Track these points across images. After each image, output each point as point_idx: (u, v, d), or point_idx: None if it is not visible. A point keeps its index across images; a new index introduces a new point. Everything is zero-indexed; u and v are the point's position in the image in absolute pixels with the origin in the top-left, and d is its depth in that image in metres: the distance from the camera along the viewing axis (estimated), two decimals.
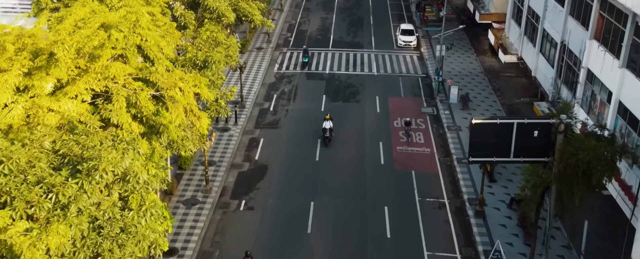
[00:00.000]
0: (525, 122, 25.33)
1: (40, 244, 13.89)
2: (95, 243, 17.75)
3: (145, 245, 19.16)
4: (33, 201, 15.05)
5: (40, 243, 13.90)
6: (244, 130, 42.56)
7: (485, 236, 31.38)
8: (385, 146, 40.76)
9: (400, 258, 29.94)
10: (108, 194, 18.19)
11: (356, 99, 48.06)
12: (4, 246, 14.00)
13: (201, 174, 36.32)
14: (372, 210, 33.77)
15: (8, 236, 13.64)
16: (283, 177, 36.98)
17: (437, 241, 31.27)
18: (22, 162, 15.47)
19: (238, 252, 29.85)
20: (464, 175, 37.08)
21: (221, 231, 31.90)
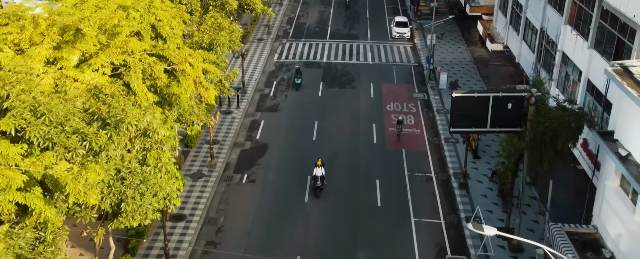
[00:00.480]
0: (500, 95, 28.13)
1: (80, 178, 16.65)
2: (119, 191, 20.59)
3: (161, 196, 22.01)
4: (70, 147, 17.84)
5: (80, 178, 16.65)
6: (245, 113, 45.36)
7: (467, 204, 34.15)
8: (378, 127, 43.56)
9: (390, 224, 32.68)
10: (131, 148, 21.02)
11: (352, 86, 50.86)
12: (51, 180, 16.76)
13: (206, 152, 39.08)
14: (365, 183, 36.55)
15: (54, 172, 16.38)
16: (282, 154, 39.76)
17: (423, 209, 34.05)
18: (61, 115, 18.24)
19: (241, 219, 32.69)
20: (451, 153, 39.87)
21: (225, 200, 34.68)
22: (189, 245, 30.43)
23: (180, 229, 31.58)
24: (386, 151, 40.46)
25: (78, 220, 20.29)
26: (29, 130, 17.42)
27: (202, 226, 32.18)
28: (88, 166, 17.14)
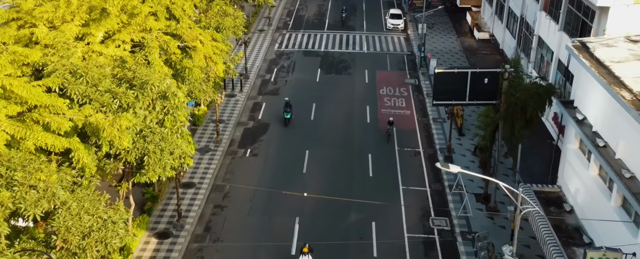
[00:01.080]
0: (477, 71, 31.51)
1: (115, 124, 19.97)
2: (142, 146, 23.90)
3: (177, 154, 25.33)
4: (104, 102, 21.18)
5: (115, 124, 19.97)
6: (248, 96, 48.71)
7: (451, 175, 37.43)
8: (371, 108, 46.93)
9: (380, 191, 36.00)
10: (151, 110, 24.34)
11: (348, 72, 54.21)
12: (90, 127, 20.08)
13: (212, 130, 42.39)
14: (358, 156, 39.88)
15: (94, 119, 19.69)
16: (282, 132, 43.10)
17: (411, 179, 37.39)
18: (95, 77, 21.58)
19: (245, 186, 36.02)
20: (438, 131, 43.19)
21: (230, 171, 38.02)
22: (199, 208, 33.77)
23: (190, 194, 34.91)
24: (378, 130, 43.79)
25: (107, 170, 23.58)
26: (70, 88, 20.75)
27: (210, 192, 35.53)
28: (120, 115, 20.48)
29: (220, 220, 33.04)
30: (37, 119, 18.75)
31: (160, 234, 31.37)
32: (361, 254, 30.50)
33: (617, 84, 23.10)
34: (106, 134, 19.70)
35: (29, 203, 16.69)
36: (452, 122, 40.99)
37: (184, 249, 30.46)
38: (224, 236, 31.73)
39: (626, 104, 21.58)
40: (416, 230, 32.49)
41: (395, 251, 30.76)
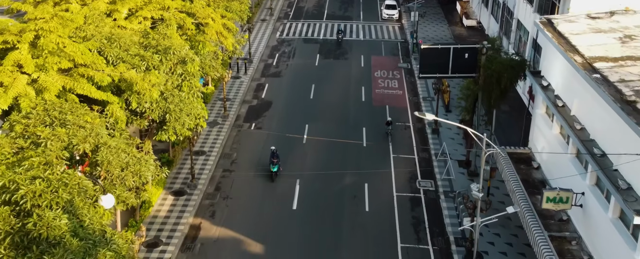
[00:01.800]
0: (458, 47, 35.32)
1: (146, 79, 23.79)
2: (164, 106, 27.71)
3: (194, 115, 29.13)
4: (134, 64, 25.00)
5: (146, 79, 23.78)
6: (252, 78, 52.54)
7: (437, 144, 41.28)
8: (366, 89, 50.76)
9: (374, 158, 39.81)
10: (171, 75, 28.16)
11: (345, 57, 58.02)
12: (124, 82, 23.89)
13: (220, 106, 46.20)
14: (353, 130, 43.68)
15: (128, 75, 23.50)
16: (284, 109, 46.92)
17: (401, 148, 41.19)
18: (126, 42, 25.40)
19: (250, 154, 39.84)
20: (427, 108, 47.01)
21: (237, 142, 41.84)
22: (210, 171, 37.59)
23: (201, 160, 38.71)
24: (372, 107, 47.62)
25: (134, 126, 27.36)
26: (107, 51, 24.55)
27: (219, 159, 39.35)
28: (150, 72, 24.29)
29: (229, 182, 36.86)
30: (83, 74, 22.51)
31: (176, 192, 35.19)
32: (355, 209, 34.30)
33: (573, 51, 26.91)
34: (138, 87, 23.47)
35: (79, 138, 20.43)
36: (440, 99, 44.79)
37: (198, 204, 34.29)
38: (233, 194, 35.55)
39: (577, 66, 25.39)
40: (404, 190, 36.30)
41: (385, 207, 34.56)
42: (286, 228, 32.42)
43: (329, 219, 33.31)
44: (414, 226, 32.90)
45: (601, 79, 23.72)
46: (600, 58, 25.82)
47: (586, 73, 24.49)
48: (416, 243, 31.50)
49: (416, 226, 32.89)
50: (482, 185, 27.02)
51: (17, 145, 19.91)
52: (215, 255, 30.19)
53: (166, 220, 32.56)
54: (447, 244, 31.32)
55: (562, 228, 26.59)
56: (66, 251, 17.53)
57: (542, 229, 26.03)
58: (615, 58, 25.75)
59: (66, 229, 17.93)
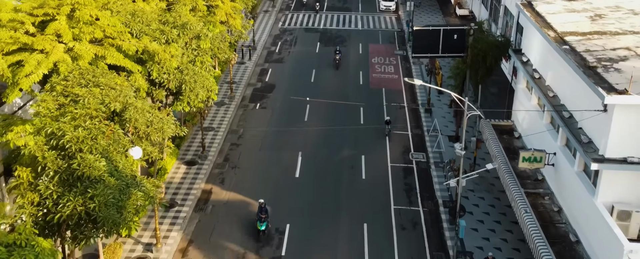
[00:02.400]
0: (448, 28, 38.37)
1: (167, 50, 26.88)
2: (180, 77, 30.77)
3: (206, 87, 32.15)
4: (155, 37, 28.09)
5: (167, 50, 26.87)
6: (256, 64, 55.65)
7: (429, 122, 44.36)
8: (364, 73, 53.86)
9: (369, 134, 42.88)
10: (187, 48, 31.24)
11: (344, 45, 61.10)
12: (147, 53, 26.98)
13: (226, 89, 49.26)
14: (351, 109, 46.75)
15: (150, 46, 26.59)
16: (287, 90, 50.01)
17: (396, 125, 44.27)
18: (148, 18, 28.49)
19: (256, 130, 42.94)
20: (421, 90, 50.07)
21: (244, 119, 44.93)
22: (218, 145, 40.68)
23: (210, 136, 41.79)
24: (370, 89, 50.73)
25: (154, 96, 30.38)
26: (132, 25, 27.63)
27: (227, 134, 42.46)
28: (169, 44, 27.40)
29: (237, 154, 39.96)
30: (112, 44, 25.57)
31: (188, 162, 38.27)
32: (352, 177, 37.39)
33: (547, 28, 29.99)
34: (159, 57, 26.54)
35: (111, 97, 23.49)
36: (432, 80, 47.87)
37: (208, 173, 37.38)
38: (240, 164, 38.64)
39: (550, 39, 28.47)
40: (398, 161, 39.39)
41: (380, 175, 37.64)
42: (290, 193, 35.50)
43: (328, 185, 36.39)
44: (406, 192, 35.99)
45: (569, 50, 26.81)
46: (571, 33, 28.90)
47: (557, 45, 27.57)
48: (408, 205, 34.59)
49: (408, 192, 35.98)
50: (464, 144, 30.14)
51: (59, 102, 22.98)
52: (226, 215, 33.28)
53: (180, 185, 35.67)
54: (436, 206, 34.41)
55: (536, 186, 29.69)
56: (106, 187, 20.67)
57: (519, 187, 29.13)
58: (584, 33, 28.84)
59: (104, 170, 21.05)
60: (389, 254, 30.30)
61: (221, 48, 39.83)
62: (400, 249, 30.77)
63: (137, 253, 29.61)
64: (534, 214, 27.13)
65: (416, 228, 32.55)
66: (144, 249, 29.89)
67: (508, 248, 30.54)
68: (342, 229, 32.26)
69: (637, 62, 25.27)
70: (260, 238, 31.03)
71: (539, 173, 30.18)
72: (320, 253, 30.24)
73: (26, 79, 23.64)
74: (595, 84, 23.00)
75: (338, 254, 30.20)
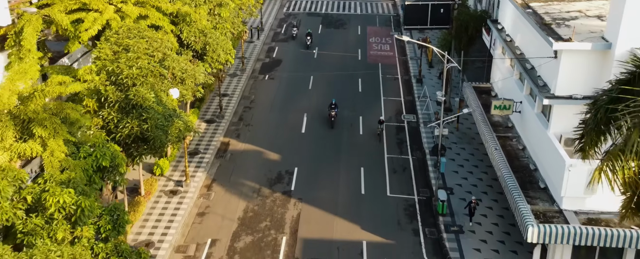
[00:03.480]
0: (435, 3, 43.83)
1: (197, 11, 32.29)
2: (204, 40, 36.17)
3: (226, 50, 37.58)
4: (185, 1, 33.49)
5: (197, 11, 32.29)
6: (263, 42, 61.12)
7: (420, 89, 49.80)
8: (362, 51, 59.34)
9: (367, 99, 48.30)
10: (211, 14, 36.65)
11: (344, 27, 66.59)
12: (181, 14, 32.41)
13: (238, 63, 54.71)
14: (350, 80, 52.21)
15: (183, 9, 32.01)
16: (292, 64, 55.47)
17: (390, 93, 49.70)
18: None
19: (266, 96, 48.39)
20: (413, 64, 55.51)
21: (254, 88, 50.38)
22: (233, 107, 46.15)
23: (226, 100, 47.22)
24: (367, 64, 56.19)
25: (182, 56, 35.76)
26: None
27: (241, 99, 47.94)
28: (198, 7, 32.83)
29: (250, 115, 45.43)
30: (153, 5, 31.01)
31: (207, 121, 43.74)
32: (352, 133, 42.79)
33: None
34: (190, 18, 31.97)
35: (156, 46, 28.89)
36: (423, 55, 53.34)
37: (225, 129, 42.83)
38: (253, 123, 44.10)
39: (518, 5, 33.90)
40: (391, 121, 44.82)
41: (376, 132, 43.03)
42: (297, 145, 40.94)
43: (330, 139, 41.82)
44: (397, 144, 41.43)
45: (532, 12, 32.24)
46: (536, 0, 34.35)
47: (522, 9, 33.01)
48: (399, 154, 40.03)
49: (399, 144, 41.42)
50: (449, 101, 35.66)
51: (113, 49, 28.41)
52: (242, 161, 38.72)
53: (202, 138, 41.12)
54: (423, 155, 39.83)
55: (506, 132, 35.09)
56: (155, 112, 26.12)
57: (492, 132, 34.54)
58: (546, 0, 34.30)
59: (153, 101, 26.52)
60: (382, 190, 35.73)
61: (235, 22, 45.29)
62: (392, 186, 36.21)
63: (170, 187, 35.06)
64: (502, 152, 32.55)
65: (405, 171, 37.99)
66: (175, 184, 35.34)
67: (483, 185, 35.98)
68: (342, 171, 37.70)
69: (585, 21, 30.72)
70: (272, 182, 36.71)
71: (509, 121, 35.60)
72: (323, 189, 35.66)
73: (85, 33, 29.08)
74: (547, 35, 28.43)
75: (339, 190, 35.63)
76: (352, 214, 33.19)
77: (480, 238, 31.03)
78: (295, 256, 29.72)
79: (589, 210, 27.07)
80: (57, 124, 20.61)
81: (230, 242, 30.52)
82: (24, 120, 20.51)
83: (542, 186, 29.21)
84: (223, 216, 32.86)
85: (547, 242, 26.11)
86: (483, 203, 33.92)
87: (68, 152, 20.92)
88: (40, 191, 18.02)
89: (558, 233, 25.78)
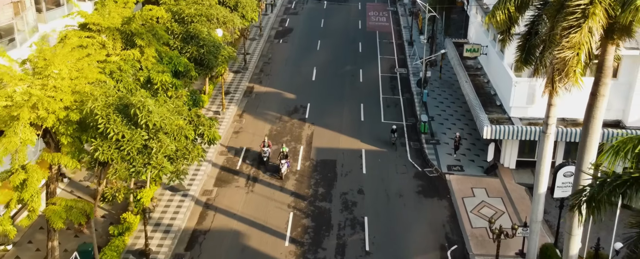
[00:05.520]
0: None
1: None
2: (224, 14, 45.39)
3: (253, 8, 46.81)
4: None
5: None
6: (276, 15, 70.46)
7: (411, 50, 59.07)
8: (362, 21, 68.67)
9: (365, 58, 57.57)
10: None
11: (346, 3, 75.97)
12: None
13: (255, 30, 63.99)
14: (351, 43, 61.48)
15: None
16: (302, 32, 64.79)
17: (385, 53, 58.99)
18: None
19: (281, 55, 57.72)
20: (406, 32, 64.78)
21: (271, 49, 59.68)
22: (254, 62, 55.46)
23: (248, 57, 56.49)
24: (366, 31, 65.54)
25: None
26: None
27: (260, 57, 57.26)
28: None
29: (269, 67, 54.74)
30: None
31: (234, 71, 53.03)
32: (353, 81, 52.05)
33: None
34: None
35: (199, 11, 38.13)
36: (414, 22, 62.61)
37: (250, 77, 52.14)
38: (272, 73, 53.40)
39: None
40: (386, 72, 54.09)
41: (373, 80, 52.23)
42: (309, 88, 50.20)
43: (336, 85, 51.09)
44: (391, 88, 50.71)
45: None
46: None
47: None
48: (391, 95, 49.29)
49: (392, 88, 50.70)
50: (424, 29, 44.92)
51: None
52: (265, 99, 47.99)
53: (231, 82, 50.41)
54: (411, 96, 49.07)
55: (476, 72, 44.32)
56: (209, 41, 35.42)
57: (465, 70, 43.76)
58: None
59: (206, 33, 35.80)
60: (377, 118, 44.98)
61: None
62: (385, 115, 45.46)
63: (209, 115, 44.31)
64: (471, 84, 41.78)
65: (397, 106, 47.27)
66: (214, 113, 44.61)
67: (458, 114, 45.19)
68: (345, 106, 46.96)
69: None
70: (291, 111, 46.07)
71: (478, 64, 44.83)
72: (331, 117, 44.88)
73: None
74: None
75: (343, 118, 44.87)
76: (354, 133, 42.46)
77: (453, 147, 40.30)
78: (311, 157, 39.01)
79: (530, 117, 36.26)
80: (150, 38, 29.83)
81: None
82: (128, 34, 29.70)
83: (498, 104, 38.48)
84: (253, 133, 42.16)
85: (498, 137, 35.37)
86: (455, 127, 43.16)
87: (157, 57, 30.17)
88: (148, 74, 27.29)
89: (505, 130, 35.05)
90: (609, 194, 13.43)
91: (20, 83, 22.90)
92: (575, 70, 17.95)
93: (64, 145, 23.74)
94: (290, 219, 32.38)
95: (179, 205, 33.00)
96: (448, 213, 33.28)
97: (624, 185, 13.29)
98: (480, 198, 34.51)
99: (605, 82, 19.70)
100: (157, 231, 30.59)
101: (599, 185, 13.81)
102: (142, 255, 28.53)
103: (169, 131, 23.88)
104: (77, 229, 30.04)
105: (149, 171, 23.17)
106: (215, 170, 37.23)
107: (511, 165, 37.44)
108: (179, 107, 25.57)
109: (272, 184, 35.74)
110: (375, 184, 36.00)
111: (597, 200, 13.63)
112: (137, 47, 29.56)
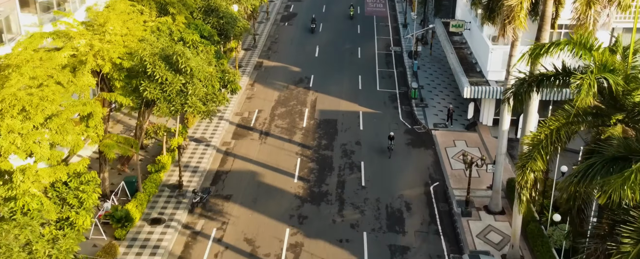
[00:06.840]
0: None
1: None
2: None
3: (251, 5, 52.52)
4: None
5: None
6: (282, 1, 76.22)
7: (405, 31, 64.74)
8: (361, 7, 74.38)
9: (363, 38, 63.26)
10: None
11: None
12: None
13: (263, 14, 69.68)
14: (350, 25, 67.21)
15: None
16: (306, 17, 70.48)
17: (382, 34, 64.71)
18: None
19: (287, 35, 63.44)
20: (401, 16, 70.47)
21: (277, 31, 65.40)
22: (262, 43, 61.17)
23: (257, 38, 62.17)
24: (364, 16, 71.26)
25: None
26: None
27: (268, 38, 63.02)
28: None
29: (276, 46, 60.48)
30: None
31: (245, 49, 58.75)
32: (352, 57, 57.73)
33: None
34: None
35: None
36: (409, 7, 68.33)
37: (259, 53, 57.91)
38: (279, 51, 59.14)
39: None
40: (382, 50, 59.80)
41: (370, 56, 57.91)
42: (312, 63, 55.91)
43: (337, 60, 56.78)
44: (386, 64, 56.40)
45: None
46: None
47: None
48: (386, 69, 55.01)
49: (387, 64, 56.39)
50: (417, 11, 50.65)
51: None
52: (274, 71, 53.71)
53: (243, 58, 56.14)
54: (404, 69, 54.77)
55: (461, 46, 50.00)
56: (227, 14, 41.12)
57: (451, 44, 49.45)
58: None
59: (225, 8, 41.51)
60: (373, 87, 50.68)
61: None
62: (380, 85, 51.17)
63: None
64: (456, 55, 47.46)
65: (391, 78, 52.97)
66: None
67: (445, 83, 50.87)
68: (345, 77, 52.64)
69: None
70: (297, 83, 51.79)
71: (463, 39, 50.50)
72: (332, 86, 50.56)
73: None
74: None
75: (343, 86, 50.54)
76: (352, 98, 48.16)
77: (439, 109, 45.99)
78: (315, 117, 44.72)
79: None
80: (180, 7, 35.53)
81: (271, 110, 45.51)
82: (162, 3, 35.38)
83: (478, 70, 44.17)
84: (264, 98, 47.90)
85: (476, 97, 41.04)
86: (441, 94, 48.86)
87: (186, 23, 35.86)
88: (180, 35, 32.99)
89: (482, 90, 40.73)
90: (528, 88, 19.02)
91: (83, 37, 28.64)
92: (519, 15, 23.60)
93: (117, 88, 29.45)
94: (298, 163, 38.08)
95: (203, 152, 38.72)
96: (432, 159, 38.98)
97: (537, 81, 18.84)
98: (461, 147, 40.21)
99: (546, 29, 25.37)
100: (186, 171, 36.29)
101: (520, 82, 19.41)
102: (176, 187, 34.25)
103: (201, 78, 29.59)
104: (120, 169, 35.75)
105: (186, 109, 28.89)
106: (232, 127, 42.96)
107: (489, 122, 43.13)
108: (209, 59, 31.29)
109: (282, 137, 41.43)
110: (371, 138, 41.69)
111: (520, 93, 19.25)
112: (170, 15, 35.24)
